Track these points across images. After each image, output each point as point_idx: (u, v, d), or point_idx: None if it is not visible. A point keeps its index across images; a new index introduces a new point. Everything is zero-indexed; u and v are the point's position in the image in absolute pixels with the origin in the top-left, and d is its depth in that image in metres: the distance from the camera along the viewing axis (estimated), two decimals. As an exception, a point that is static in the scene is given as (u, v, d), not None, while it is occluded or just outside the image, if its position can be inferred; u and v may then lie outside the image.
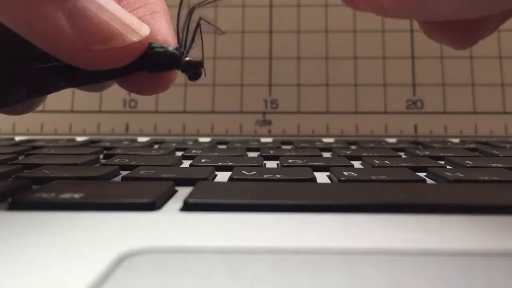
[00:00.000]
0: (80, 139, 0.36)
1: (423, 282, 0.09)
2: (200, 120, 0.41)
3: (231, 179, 0.18)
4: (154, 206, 0.14)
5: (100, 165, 0.22)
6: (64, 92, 0.22)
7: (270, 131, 0.40)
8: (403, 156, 0.27)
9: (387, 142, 0.34)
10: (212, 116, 0.41)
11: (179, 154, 0.27)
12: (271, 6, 0.42)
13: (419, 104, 0.40)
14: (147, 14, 0.19)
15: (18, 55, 0.17)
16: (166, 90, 0.19)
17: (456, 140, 0.36)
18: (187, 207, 0.14)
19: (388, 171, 0.19)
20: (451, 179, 0.18)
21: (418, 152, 0.27)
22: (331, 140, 0.36)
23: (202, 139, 0.36)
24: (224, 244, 0.11)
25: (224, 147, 0.31)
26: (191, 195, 0.14)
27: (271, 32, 0.42)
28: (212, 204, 0.14)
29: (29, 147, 0.29)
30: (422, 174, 0.19)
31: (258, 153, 0.27)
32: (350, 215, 0.13)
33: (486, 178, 0.18)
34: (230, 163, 0.22)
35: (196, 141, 0.35)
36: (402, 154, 0.27)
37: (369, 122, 0.40)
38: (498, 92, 0.40)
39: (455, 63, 0.41)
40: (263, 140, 0.36)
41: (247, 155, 0.27)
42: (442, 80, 0.40)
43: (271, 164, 0.24)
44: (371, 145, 0.32)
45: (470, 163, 0.22)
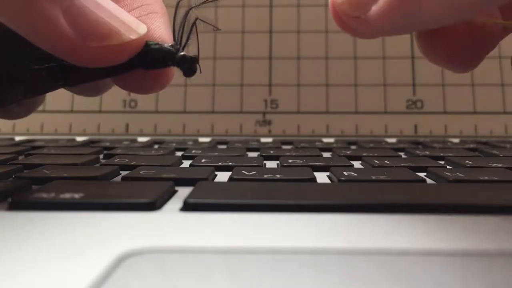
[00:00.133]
0: (80, 139, 0.36)
1: (423, 282, 0.09)
2: (200, 120, 0.41)
3: (231, 179, 0.18)
4: (154, 206, 0.14)
5: (100, 165, 0.22)
6: (64, 92, 0.22)
7: (270, 131, 0.40)
8: (403, 156, 0.27)
9: (387, 142, 0.34)
10: (212, 116, 0.41)
11: (179, 154, 0.27)
12: (271, 6, 0.42)
13: (419, 104, 0.40)
14: (144, 14, 0.19)
15: (15, 56, 0.17)
16: (164, 88, 0.19)
17: (456, 140, 0.36)
18: (187, 207, 0.14)
19: (388, 171, 0.19)
20: (451, 179, 0.18)
21: (418, 152, 0.27)
22: (331, 140, 0.36)
23: (202, 139, 0.36)
24: (224, 244, 0.11)
25: (224, 147, 0.31)
26: (191, 195, 0.14)
27: (271, 32, 0.42)
28: (212, 204, 0.14)
29: (29, 147, 0.29)
30: (422, 174, 0.19)
31: (258, 153, 0.27)
32: (350, 215, 0.13)
33: (486, 178, 0.18)
34: (230, 163, 0.22)
35: (196, 141, 0.35)
36: (402, 154, 0.27)
37: (369, 122, 0.40)
38: (498, 92, 0.40)
39: (455, 63, 0.41)
40: (263, 140, 0.36)
41: (247, 155, 0.27)
42: (442, 80, 0.40)
43: (271, 164, 0.24)
44: (371, 145, 0.32)
45: (470, 163, 0.22)
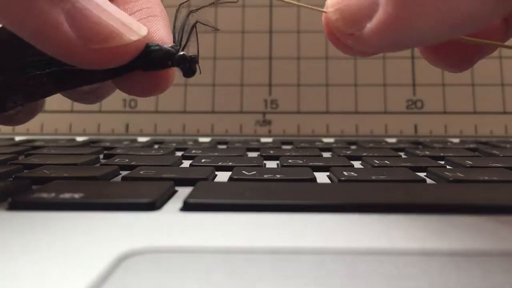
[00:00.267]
0: (80, 139, 0.36)
1: (423, 282, 0.09)
2: (200, 120, 0.41)
3: (231, 179, 0.18)
4: (154, 206, 0.14)
5: (100, 165, 0.22)
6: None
7: (270, 131, 0.40)
8: (403, 156, 0.27)
9: (387, 142, 0.34)
10: (212, 116, 0.41)
11: (179, 154, 0.27)
12: (271, 6, 0.42)
13: (419, 104, 0.40)
14: (144, 17, 0.19)
15: (16, 61, 0.17)
16: (165, 91, 0.19)
17: (456, 140, 0.36)
18: (187, 207, 0.14)
19: (388, 171, 0.19)
20: (451, 179, 0.18)
21: (418, 152, 0.27)
22: (331, 140, 0.36)
23: (202, 139, 0.36)
24: (224, 244, 0.11)
25: (224, 147, 0.31)
26: (191, 195, 0.14)
27: (271, 32, 0.42)
28: (212, 204, 0.14)
29: (29, 147, 0.29)
30: (422, 174, 0.19)
31: (258, 153, 0.27)
32: (350, 215, 0.13)
33: (486, 178, 0.18)
34: (230, 163, 0.22)
35: (196, 141, 0.35)
36: (402, 154, 0.27)
37: (369, 122, 0.40)
38: (498, 92, 0.40)
39: (455, 63, 0.41)
40: (263, 140, 0.36)
41: (247, 155, 0.27)
42: (442, 80, 0.40)
43: (271, 164, 0.24)
44: (371, 145, 0.32)
45: (470, 163, 0.22)
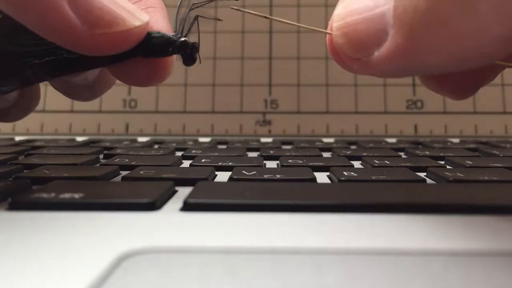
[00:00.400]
0: (80, 139, 0.36)
1: (423, 282, 0.09)
2: (200, 120, 0.41)
3: (231, 179, 0.18)
4: (154, 206, 0.14)
5: (100, 165, 0.22)
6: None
7: (270, 131, 0.40)
8: (403, 156, 0.27)
9: (387, 142, 0.34)
10: (212, 116, 0.41)
11: (179, 154, 0.27)
12: (271, 6, 0.42)
13: (419, 104, 0.40)
14: (143, 8, 0.19)
15: (14, 47, 0.17)
16: (163, 81, 0.19)
17: (456, 140, 0.36)
18: (187, 207, 0.14)
19: (388, 171, 0.19)
20: (451, 179, 0.18)
21: (418, 152, 0.27)
22: (331, 140, 0.36)
23: (202, 139, 0.36)
24: (224, 244, 0.11)
25: (224, 147, 0.31)
26: (191, 195, 0.14)
27: (271, 32, 0.42)
28: (212, 204, 0.14)
29: (29, 147, 0.29)
30: (422, 174, 0.19)
31: (258, 153, 0.27)
32: (350, 215, 0.13)
33: (486, 178, 0.18)
34: (230, 163, 0.22)
35: (196, 141, 0.35)
36: (402, 154, 0.27)
37: (369, 122, 0.40)
38: (498, 92, 0.40)
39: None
40: (263, 140, 0.36)
41: (247, 155, 0.27)
42: (442, 80, 0.40)
43: (271, 164, 0.24)
44: (371, 145, 0.32)
45: (470, 163, 0.22)
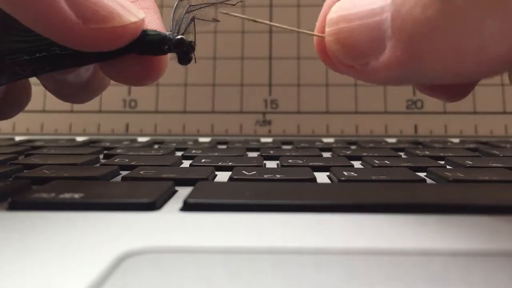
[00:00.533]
0: (80, 139, 0.36)
1: (423, 282, 0.09)
2: (200, 120, 0.41)
3: (231, 179, 0.18)
4: (154, 206, 0.14)
5: (100, 165, 0.22)
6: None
7: (270, 131, 0.40)
8: (403, 156, 0.27)
9: (387, 142, 0.34)
10: (212, 116, 0.41)
11: (179, 154, 0.27)
12: (271, 6, 0.42)
13: (419, 104, 0.40)
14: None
15: (4, 42, 0.17)
16: (157, 79, 0.19)
17: (456, 140, 0.36)
18: (187, 207, 0.14)
19: (388, 171, 0.19)
20: (451, 179, 0.18)
21: (418, 152, 0.27)
22: (331, 140, 0.36)
23: (202, 139, 0.36)
24: (224, 244, 0.11)
25: (224, 147, 0.31)
26: (191, 195, 0.14)
27: (271, 32, 0.42)
28: (212, 204, 0.14)
29: (29, 147, 0.29)
30: (422, 174, 0.19)
31: (258, 153, 0.27)
32: (350, 215, 0.13)
33: (486, 178, 0.18)
34: (230, 163, 0.22)
35: (196, 141, 0.35)
36: (402, 154, 0.27)
37: (369, 122, 0.40)
38: (498, 92, 0.40)
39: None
40: (263, 140, 0.36)
41: (247, 155, 0.27)
42: (442, 80, 0.40)
43: (271, 164, 0.24)
44: (371, 145, 0.32)
45: (470, 163, 0.22)
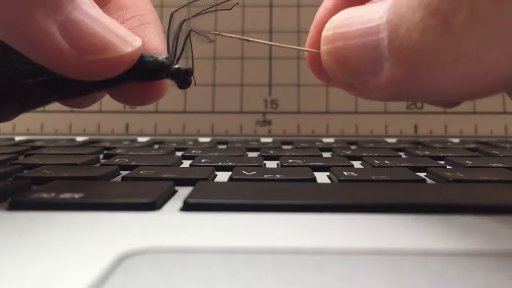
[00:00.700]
0: (80, 139, 0.36)
1: (423, 282, 0.09)
2: (200, 120, 0.41)
3: (231, 179, 0.18)
4: (154, 206, 0.14)
5: (100, 165, 0.22)
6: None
7: (270, 131, 0.40)
8: (403, 156, 0.27)
9: (387, 142, 0.34)
10: (212, 116, 0.41)
11: (179, 154, 0.27)
12: (271, 6, 0.42)
13: (419, 104, 0.40)
14: (137, 25, 0.19)
15: (6, 70, 0.17)
16: (159, 99, 0.20)
17: (456, 140, 0.36)
18: (187, 207, 0.14)
19: (388, 171, 0.19)
20: (451, 179, 0.18)
21: (418, 152, 0.27)
22: (331, 140, 0.36)
23: (202, 139, 0.36)
24: (224, 244, 0.11)
25: (224, 147, 0.31)
26: (191, 195, 0.14)
27: (271, 32, 0.42)
28: (212, 204, 0.14)
29: (29, 147, 0.29)
30: (422, 174, 0.19)
31: (258, 153, 0.27)
32: (350, 215, 0.13)
33: (486, 178, 0.18)
34: (230, 163, 0.22)
35: (196, 141, 0.35)
36: (402, 154, 0.27)
37: (369, 122, 0.40)
38: (498, 92, 0.40)
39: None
40: (263, 140, 0.36)
41: (247, 155, 0.27)
42: (442, 80, 0.40)
43: (271, 164, 0.24)
44: (371, 145, 0.32)
45: (470, 163, 0.22)
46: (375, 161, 0.23)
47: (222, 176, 0.20)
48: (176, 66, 0.18)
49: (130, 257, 0.10)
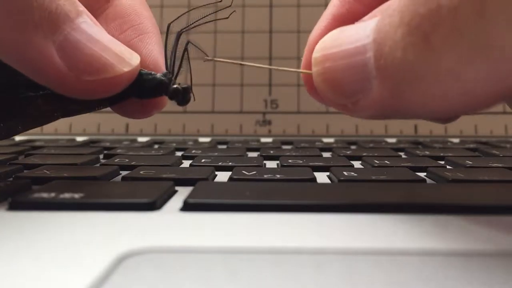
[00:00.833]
0: (80, 139, 0.36)
1: (422, 282, 0.09)
2: (200, 120, 0.41)
3: (231, 179, 0.18)
4: (154, 206, 0.14)
5: (100, 165, 0.22)
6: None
7: (270, 131, 0.40)
8: (403, 156, 0.27)
9: (387, 142, 0.34)
10: (212, 116, 0.41)
11: (179, 154, 0.27)
12: (271, 6, 0.42)
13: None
14: (135, 37, 0.19)
15: (7, 84, 0.17)
16: (160, 111, 0.20)
17: (456, 140, 0.36)
18: (187, 207, 0.14)
19: (388, 171, 0.19)
20: (451, 179, 0.18)
21: (418, 152, 0.27)
22: (331, 140, 0.36)
23: (202, 139, 0.36)
24: (224, 244, 0.11)
25: (224, 147, 0.31)
26: (191, 195, 0.14)
27: (271, 32, 0.42)
28: (212, 204, 0.14)
29: (29, 147, 0.29)
30: (422, 174, 0.19)
31: (258, 153, 0.27)
32: (350, 215, 0.13)
33: (486, 178, 0.18)
34: (230, 163, 0.22)
35: (196, 141, 0.35)
36: (402, 154, 0.27)
37: (369, 122, 0.40)
38: (498, 92, 0.40)
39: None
40: (263, 140, 0.36)
41: (247, 155, 0.27)
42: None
43: (271, 164, 0.24)
44: (371, 145, 0.32)
45: (470, 163, 0.22)
46: (375, 161, 0.23)
47: (222, 176, 0.20)
48: (174, 86, 0.18)
49: (130, 257, 0.10)
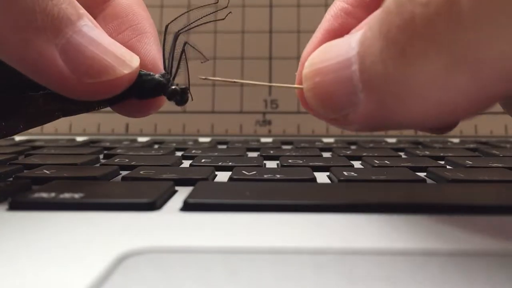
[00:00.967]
0: (80, 139, 0.36)
1: (423, 282, 0.09)
2: (200, 120, 0.41)
3: (231, 179, 0.18)
4: (154, 206, 0.14)
5: (100, 165, 0.22)
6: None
7: (270, 131, 0.40)
8: (403, 156, 0.27)
9: (387, 142, 0.34)
10: (212, 116, 0.41)
11: (179, 154, 0.27)
12: (271, 6, 0.42)
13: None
14: (133, 37, 0.19)
15: (8, 83, 0.17)
16: (158, 109, 0.20)
17: (456, 140, 0.36)
18: (187, 207, 0.14)
19: (388, 171, 0.19)
20: (451, 179, 0.18)
21: (418, 152, 0.27)
22: (331, 140, 0.36)
23: (202, 139, 0.36)
24: (224, 244, 0.11)
25: (224, 147, 0.31)
26: (191, 195, 0.14)
27: (271, 32, 0.42)
28: (212, 204, 0.14)
29: (29, 147, 0.29)
30: (422, 174, 0.19)
31: (258, 153, 0.27)
32: (350, 215, 0.13)
33: (486, 178, 0.18)
34: (230, 163, 0.22)
35: (196, 141, 0.35)
36: (402, 154, 0.27)
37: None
38: (498, 92, 0.40)
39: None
40: (263, 140, 0.36)
41: (247, 155, 0.27)
42: (442, 80, 0.40)
43: (271, 164, 0.24)
44: (371, 145, 0.32)
45: (470, 163, 0.22)
46: (375, 161, 0.23)
47: (222, 176, 0.20)
48: (172, 87, 0.18)
49: (130, 257, 0.10)
